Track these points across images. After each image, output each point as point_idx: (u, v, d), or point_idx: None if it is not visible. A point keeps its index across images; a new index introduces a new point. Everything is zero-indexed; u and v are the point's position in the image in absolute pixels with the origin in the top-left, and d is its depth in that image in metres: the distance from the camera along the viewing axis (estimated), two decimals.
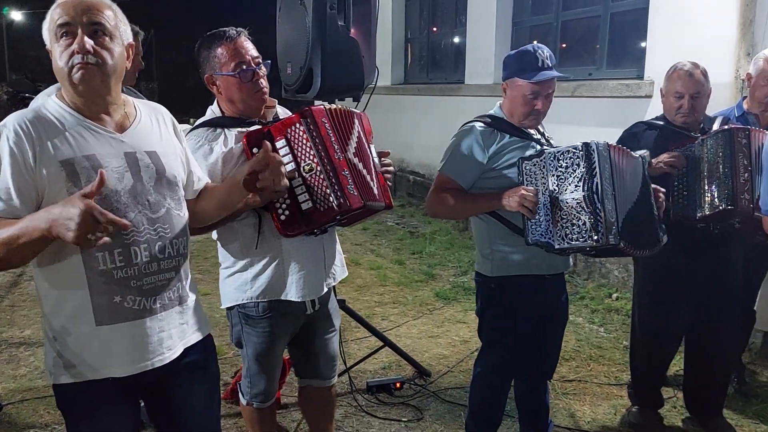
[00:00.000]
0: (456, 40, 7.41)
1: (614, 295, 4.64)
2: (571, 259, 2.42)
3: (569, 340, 3.86)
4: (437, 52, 8.01)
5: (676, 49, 4.06)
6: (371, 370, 3.47)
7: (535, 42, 5.99)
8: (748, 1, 3.89)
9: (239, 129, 2.03)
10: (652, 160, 2.61)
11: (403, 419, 2.98)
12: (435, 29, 8.02)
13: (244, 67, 1.99)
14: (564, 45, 5.84)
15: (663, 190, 2.36)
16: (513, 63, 2.25)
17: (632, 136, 2.87)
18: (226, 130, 2.03)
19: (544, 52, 2.22)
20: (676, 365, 3.27)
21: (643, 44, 4.69)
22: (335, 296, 2.41)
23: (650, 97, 4.43)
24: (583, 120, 5.04)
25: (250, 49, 2.03)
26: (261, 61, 2.05)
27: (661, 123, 2.83)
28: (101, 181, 1.33)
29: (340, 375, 3.17)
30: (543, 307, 2.34)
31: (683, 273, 2.76)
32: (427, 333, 4.02)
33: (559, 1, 5.74)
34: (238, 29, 2.04)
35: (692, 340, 2.94)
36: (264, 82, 2.06)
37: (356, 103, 2.89)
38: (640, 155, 2.29)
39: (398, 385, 3.22)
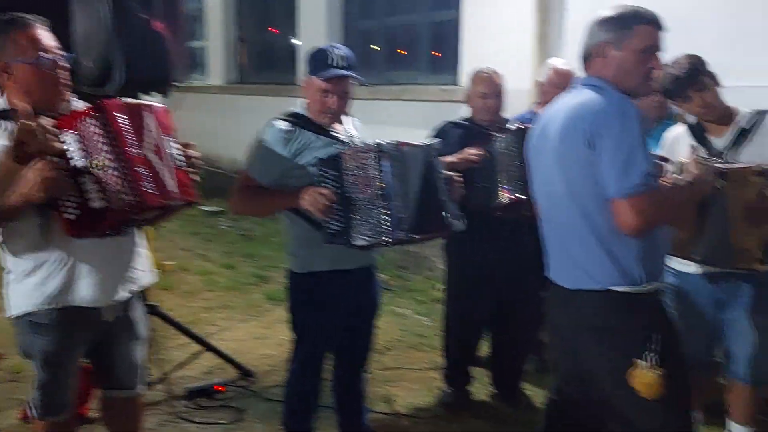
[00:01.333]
0: (290, 41, 7.43)
1: (438, 286, 4.91)
2: (375, 254, 2.52)
3: (393, 331, 4.04)
4: (272, 53, 7.98)
5: (483, 59, 4.36)
6: (193, 375, 3.36)
7: (373, 45, 6.21)
8: (544, 18, 4.34)
9: None
10: (456, 156, 2.83)
11: (222, 422, 2.94)
12: (269, 29, 7.98)
13: (45, 55, 1.87)
14: (392, 50, 6.10)
15: (459, 177, 2.51)
16: (309, 61, 2.32)
17: (442, 134, 3.12)
18: (11, 123, 1.87)
19: (340, 51, 2.29)
20: (487, 346, 3.54)
21: (457, 53, 5.03)
22: (143, 302, 2.31)
23: (465, 101, 4.76)
24: (410, 122, 5.29)
25: (50, 39, 1.91)
26: (62, 53, 1.94)
27: (466, 123, 3.10)
28: None
29: (156, 383, 3.06)
30: (352, 301, 2.42)
31: (485, 263, 3.01)
32: (255, 335, 3.99)
33: (385, 8, 5.98)
34: (35, 16, 1.91)
35: (496, 324, 3.21)
36: (64, 74, 1.95)
37: (167, 99, 2.80)
38: (427, 144, 2.40)
39: (220, 388, 3.16)
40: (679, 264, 2.47)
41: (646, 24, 1.79)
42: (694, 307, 2.46)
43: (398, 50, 6.08)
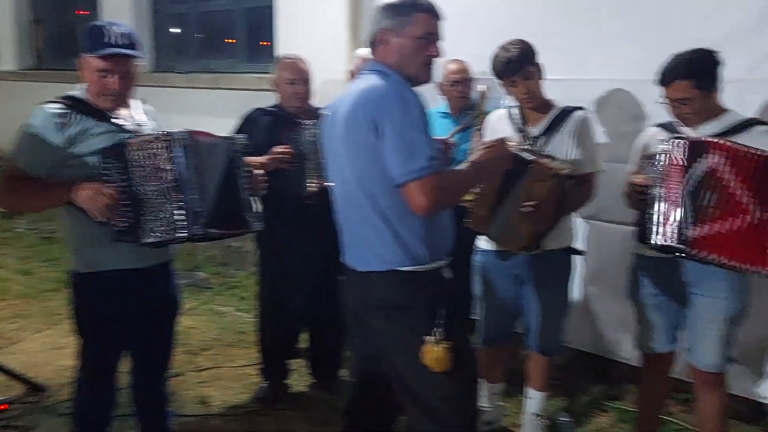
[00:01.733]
0: (95, 24, 6.82)
1: None
2: (172, 249, 2.35)
3: (210, 330, 3.89)
4: (74, 36, 7.26)
5: (298, 47, 4.33)
6: None
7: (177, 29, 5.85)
8: (356, 8, 4.39)
9: None
10: (265, 157, 2.74)
11: None
12: (73, 11, 7.26)
13: None
14: (208, 37, 5.84)
15: (261, 171, 2.43)
16: (83, 39, 2.12)
17: (250, 121, 3.05)
18: None
19: (119, 28, 2.12)
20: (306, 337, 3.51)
21: (272, 41, 4.94)
22: None
23: (273, 89, 4.70)
24: (226, 111, 5.03)
25: None
26: None
27: (275, 109, 3.05)
28: None
29: None
30: (145, 300, 2.25)
31: (297, 253, 2.98)
32: (52, 345, 3.62)
33: None
34: None
35: (313, 313, 3.19)
36: None
37: None
38: (228, 137, 2.31)
39: (2, 406, 2.82)
40: (483, 243, 2.63)
41: (424, 12, 1.85)
42: (495, 283, 2.64)
43: (214, 37, 5.84)
